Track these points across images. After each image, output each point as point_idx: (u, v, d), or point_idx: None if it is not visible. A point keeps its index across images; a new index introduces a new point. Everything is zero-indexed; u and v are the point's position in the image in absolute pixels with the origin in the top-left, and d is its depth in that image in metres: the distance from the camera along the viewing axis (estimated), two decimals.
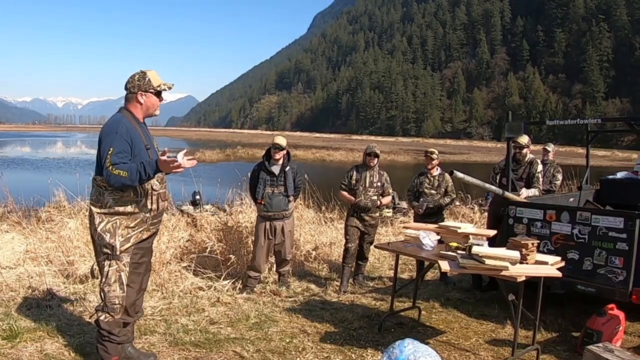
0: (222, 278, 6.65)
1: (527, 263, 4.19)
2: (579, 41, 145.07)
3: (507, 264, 3.91)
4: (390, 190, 7.17)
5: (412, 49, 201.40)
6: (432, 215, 7.23)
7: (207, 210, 11.28)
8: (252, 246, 6.98)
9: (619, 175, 8.07)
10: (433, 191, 7.35)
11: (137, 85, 3.78)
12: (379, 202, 6.99)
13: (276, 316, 5.57)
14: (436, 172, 7.41)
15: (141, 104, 3.82)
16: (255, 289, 6.55)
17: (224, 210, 10.20)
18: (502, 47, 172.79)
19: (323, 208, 10.57)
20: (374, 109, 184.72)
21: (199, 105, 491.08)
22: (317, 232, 9.24)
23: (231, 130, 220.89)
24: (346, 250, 6.96)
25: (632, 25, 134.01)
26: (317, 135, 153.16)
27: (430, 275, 7.65)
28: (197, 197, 13.17)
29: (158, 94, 3.86)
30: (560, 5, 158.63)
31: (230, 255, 7.16)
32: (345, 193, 7.02)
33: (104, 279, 3.76)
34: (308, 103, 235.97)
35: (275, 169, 6.54)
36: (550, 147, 8.97)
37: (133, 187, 3.65)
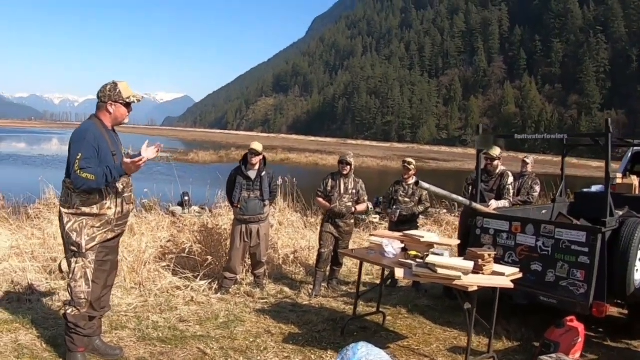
0: (198, 278, 6.80)
1: (483, 274, 4.33)
2: (576, 52, 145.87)
3: (459, 273, 4.05)
4: (366, 198, 7.31)
5: (410, 55, 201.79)
6: (406, 222, 7.36)
7: (194, 212, 11.39)
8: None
9: (594, 188, 8.22)
10: (407, 199, 7.50)
11: (107, 96, 4.00)
12: (353, 209, 7.13)
13: (245, 316, 5.72)
14: (412, 180, 7.56)
15: (110, 113, 4.04)
16: (230, 290, 6.71)
17: (211, 212, 10.35)
18: (500, 56, 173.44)
19: (309, 212, 10.69)
20: (370, 114, 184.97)
21: (196, 105, 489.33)
22: (298, 236, 9.35)
23: (227, 131, 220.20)
24: (319, 255, 7.11)
25: (629, 37, 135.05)
26: (313, 138, 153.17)
27: (404, 281, 7.77)
28: (186, 198, 13.32)
29: (127, 105, 4.08)
30: (558, 16, 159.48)
31: (208, 257, 7.28)
32: (321, 199, 7.19)
33: (71, 275, 3.98)
34: (304, 106, 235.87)
35: (252, 174, 6.71)
36: (529, 159, 9.10)
37: (99, 190, 3.87)
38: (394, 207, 7.53)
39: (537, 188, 8.60)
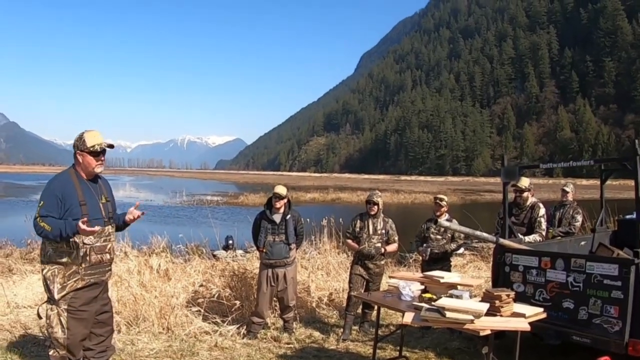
0: (226, 323, 6.76)
1: (500, 315, 4.12)
2: (629, 69, 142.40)
3: (470, 317, 3.86)
4: (396, 238, 7.12)
5: (460, 85, 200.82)
6: (438, 261, 7.18)
7: (237, 255, 11.39)
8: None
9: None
10: (439, 237, 7.29)
11: (75, 145, 4.14)
12: (383, 250, 6.97)
13: None
14: (443, 218, 7.33)
15: (80, 162, 4.14)
16: (258, 335, 6.64)
17: (246, 254, 10.37)
18: (551, 80, 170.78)
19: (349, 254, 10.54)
20: (423, 148, 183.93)
21: (248, 148, 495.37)
22: (339, 277, 9.15)
23: (279, 173, 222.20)
24: (349, 298, 6.96)
25: None
26: (366, 176, 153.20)
27: None
28: (230, 241, 13.34)
29: (93, 153, 4.10)
30: (607, 34, 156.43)
31: (236, 302, 7.25)
32: (349, 241, 7.09)
33: (47, 321, 4.08)
34: (356, 144, 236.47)
35: (277, 218, 6.69)
36: (569, 188, 8.79)
37: (66, 240, 3.94)
38: (425, 245, 7.34)
39: (579, 217, 8.31)
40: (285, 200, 6.74)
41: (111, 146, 4.20)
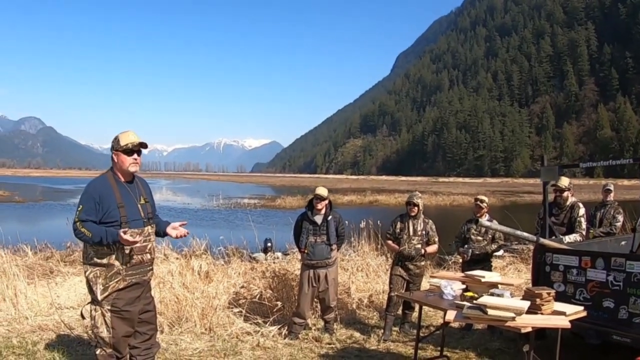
0: (268, 324, 6.87)
1: (541, 313, 4.17)
2: None
3: (511, 314, 3.92)
4: (436, 239, 7.15)
5: (498, 85, 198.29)
6: (479, 262, 7.18)
7: (277, 257, 11.54)
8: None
9: None
10: (480, 237, 7.31)
11: (112, 146, 4.26)
12: (423, 251, 7.02)
13: None
14: (484, 219, 7.34)
15: (115, 162, 4.25)
16: (299, 335, 6.74)
17: (285, 256, 10.50)
18: (591, 78, 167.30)
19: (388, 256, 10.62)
20: (461, 149, 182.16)
21: (284, 150, 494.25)
22: (379, 279, 9.21)
23: (316, 175, 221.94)
24: (389, 298, 7.03)
25: None
26: (403, 178, 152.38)
27: (480, 324, 7.51)
28: (269, 244, 13.49)
29: (126, 152, 4.20)
30: None
31: (277, 302, 7.38)
32: (389, 242, 7.16)
33: (92, 321, 4.19)
34: (393, 146, 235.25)
35: (318, 219, 6.79)
36: (612, 187, 8.78)
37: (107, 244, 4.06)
38: (466, 246, 7.37)
39: (620, 217, 8.26)
40: (327, 202, 6.83)
41: (144, 145, 4.25)
